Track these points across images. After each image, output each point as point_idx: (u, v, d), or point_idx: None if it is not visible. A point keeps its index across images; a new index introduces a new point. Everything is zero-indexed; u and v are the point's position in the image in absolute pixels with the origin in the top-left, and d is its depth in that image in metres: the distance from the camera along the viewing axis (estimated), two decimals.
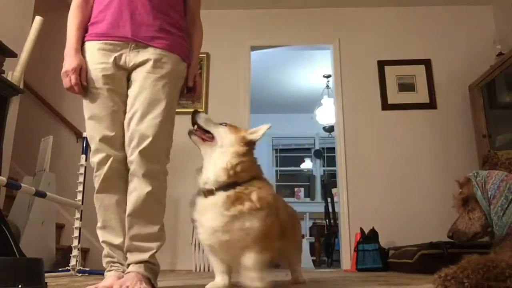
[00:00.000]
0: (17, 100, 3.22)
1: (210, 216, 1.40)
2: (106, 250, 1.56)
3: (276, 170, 7.94)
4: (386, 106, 4.29)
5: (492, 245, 1.47)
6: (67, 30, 1.62)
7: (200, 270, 3.81)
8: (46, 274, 1.87)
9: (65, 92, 1.62)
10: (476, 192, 1.48)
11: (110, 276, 1.51)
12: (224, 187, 1.42)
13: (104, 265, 1.57)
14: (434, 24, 4.48)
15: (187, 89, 1.73)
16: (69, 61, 1.54)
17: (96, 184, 1.56)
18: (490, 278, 1.18)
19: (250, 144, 1.53)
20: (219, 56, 4.44)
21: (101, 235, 1.57)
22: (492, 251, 1.43)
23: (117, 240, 1.54)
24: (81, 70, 1.54)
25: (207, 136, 1.52)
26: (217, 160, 1.46)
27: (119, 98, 1.57)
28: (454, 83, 4.27)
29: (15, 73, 2.93)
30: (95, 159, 1.55)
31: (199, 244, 3.78)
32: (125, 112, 1.57)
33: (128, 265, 1.50)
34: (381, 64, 4.39)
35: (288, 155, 8.13)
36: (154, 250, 1.51)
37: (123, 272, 1.51)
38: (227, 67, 4.42)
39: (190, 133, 1.53)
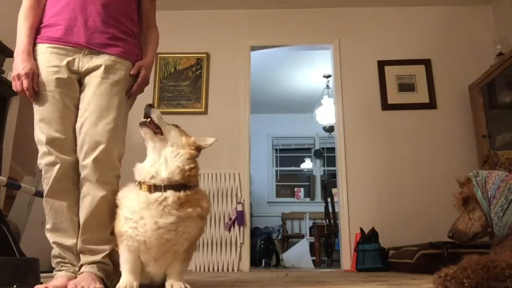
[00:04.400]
0: (17, 100, 3.22)
1: (155, 212, 1.40)
2: (56, 251, 1.55)
3: (276, 170, 7.94)
4: (386, 106, 4.29)
5: (492, 245, 1.47)
6: (17, 30, 1.61)
7: (200, 270, 3.81)
8: (45, 274, 1.87)
9: None
10: (476, 192, 1.48)
11: (60, 276, 1.51)
12: (175, 186, 1.43)
13: (53, 265, 1.57)
14: (434, 24, 4.48)
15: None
16: (22, 65, 1.53)
17: (45, 187, 1.55)
18: (490, 278, 1.18)
19: (198, 150, 1.55)
20: (219, 56, 4.44)
21: (51, 236, 1.56)
22: (492, 251, 1.43)
23: (68, 241, 1.54)
24: (33, 75, 1.53)
25: (158, 131, 1.53)
26: (171, 158, 1.47)
27: (71, 101, 1.57)
28: (454, 83, 4.27)
29: None
30: (43, 161, 1.55)
31: (198, 244, 3.78)
32: (76, 116, 1.57)
33: (81, 265, 1.52)
34: (381, 64, 4.39)
35: (288, 155, 8.13)
36: (107, 252, 1.54)
37: (73, 272, 1.52)
38: (227, 67, 4.42)
39: (142, 124, 1.52)
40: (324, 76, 6.18)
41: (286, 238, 6.86)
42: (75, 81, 1.59)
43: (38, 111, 1.56)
